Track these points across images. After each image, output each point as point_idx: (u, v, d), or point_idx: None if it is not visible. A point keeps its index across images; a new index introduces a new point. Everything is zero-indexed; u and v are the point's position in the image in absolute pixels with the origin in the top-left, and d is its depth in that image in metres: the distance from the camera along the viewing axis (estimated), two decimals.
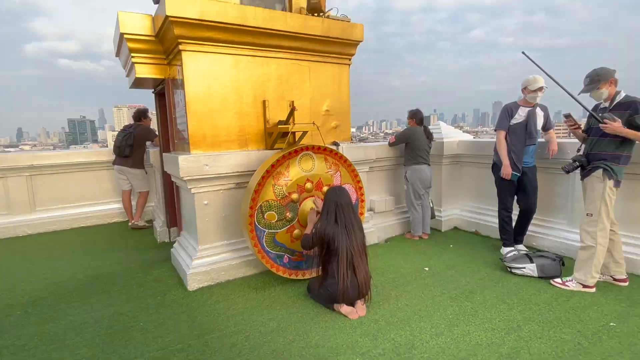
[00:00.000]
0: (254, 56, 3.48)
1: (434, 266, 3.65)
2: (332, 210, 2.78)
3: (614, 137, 2.86)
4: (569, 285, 3.07)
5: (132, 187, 5.35)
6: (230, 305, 2.95)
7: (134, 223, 5.33)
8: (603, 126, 2.86)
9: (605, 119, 2.85)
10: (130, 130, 5.13)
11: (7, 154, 5.39)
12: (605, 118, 2.86)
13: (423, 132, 4.36)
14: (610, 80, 2.91)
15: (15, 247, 4.67)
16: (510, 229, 3.86)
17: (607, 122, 2.83)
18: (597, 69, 2.95)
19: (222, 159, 3.26)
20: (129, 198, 5.41)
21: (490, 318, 2.67)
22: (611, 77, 2.89)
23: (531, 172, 3.70)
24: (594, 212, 2.95)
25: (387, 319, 2.68)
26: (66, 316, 2.84)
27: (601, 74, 2.90)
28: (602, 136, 2.92)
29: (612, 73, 2.89)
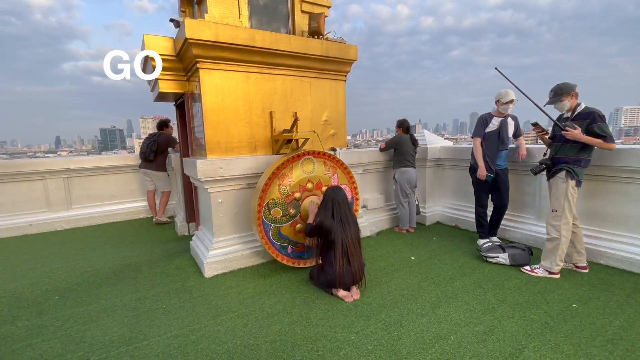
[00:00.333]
0: (262, 73, 3.48)
1: (419, 256, 3.64)
2: (329, 206, 2.77)
3: (575, 142, 2.87)
4: (537, 272, 3.07)
5: (156, 187, 5.34)
6: (242, 290, 2.95)
7: (157, 219, 5.32)
8: (565, 133, 2.86)
9: (567, 127, 2.86)
10: (154, 138, 5.13)
11: (46, 159, 5.38)
12: (566, 126, 2.87)
13: (409, 139, 4.36)
14: (572, 94, 2.91)
15: (54, 240, 4.66)
16: (486, 223, 3.86)
17: (568, 129, 2.84)
18: (560, 84, 2.95)
19: (235, 163, 3.26)
20: (154, 197, 5.40)
21: (468, 301, 2.66)
22: (572, 90, 2.90)
23: (504, 173, 3.70)
24: (558, 208, 2.95)
25: (379, 302, 2.68)
26: (98, 300, 2.84)
27: (564, 88, 2.91)
28: (565, 142, 2.92)
29: (573, 87, 2.90)
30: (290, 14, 3.84)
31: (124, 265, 3.60)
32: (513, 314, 2.45)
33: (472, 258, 3.52)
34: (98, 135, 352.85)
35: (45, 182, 5.18)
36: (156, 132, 5.29)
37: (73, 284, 3.18)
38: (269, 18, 3.76)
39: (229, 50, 3.20)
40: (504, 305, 2.58)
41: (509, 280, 2.99)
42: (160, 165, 5.22)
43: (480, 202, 3.81)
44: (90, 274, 3.39)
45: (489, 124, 3.62)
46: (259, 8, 3.66)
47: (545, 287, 2.85)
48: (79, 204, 5.46)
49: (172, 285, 3.07)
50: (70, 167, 5.28)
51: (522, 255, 3.26)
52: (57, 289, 3.06)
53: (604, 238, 3.27)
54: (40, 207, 5.18)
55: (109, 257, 3.86)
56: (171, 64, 3.53)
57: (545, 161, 3.05)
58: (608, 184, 3.21)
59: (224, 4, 3.35)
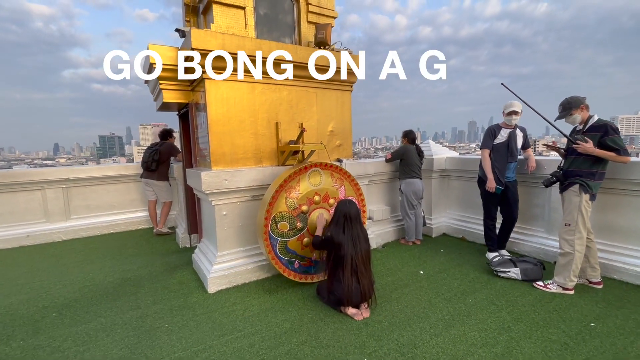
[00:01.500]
0: (268, 83, 3.43)
1: (427, 270, 3.55)
2: (341, 221, 2.69)
3: (587, 156, 2.81)
4: (550, 288, 2.98)
5: (157, 197, 5.24)
6: (247, 307, 2.84)
7: (158, 230, 5.21)
8: (576, 146, 2.81)
9: (578, 140, 2.80)
10: (156, 147, 5.05)
11: (46, 168, 5.29)
12: (577, 139, 2.81)
13: (415, 150, 4.31)
14: (581, 107, 2.86)
15: (51, 252, 4.54)
16: (495, 236, 3.77)
17: (580, 143, 2.78)
18: (568, 98, 2.90)
19: (240, 175, 3.18)
20: (155, 207, 5.30)
21: (483, 319, 2.56)
22: (582, 103, 2.85)
23: (513, 185, 3.64)
24: (571, 222, 2.87)
25: (390, 320, 2.58)
26: (97, 318, 2.72)
27: (572, 101, 2.86)
28: (578, 155, 2.86)
29: (582, 100, 2.85)
30: (296, 24, 3.81)
31: (124, 280, 3.48)
32: (530, 334, 2.35)
33: (482, 272, 3.43)
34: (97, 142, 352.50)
35: (44, 192, 5.08)
36: (159, 142, 5.21)
37: (71, 299, 3.06)
38: (275, 29, 3.72)
39: (235, 61, 3.15)
40: (519, 324, 2.49)
41: (523, 297, 2.90)
42: (162, 175, 5.13)
43: (489, 215, 3.73)
44: (89, 289, 3.27)
45: (498, 135, 3.57)
46: (264, 19, 3.62)
47: (560, 304, 2.76)
48: (78, 215, 5.35)
49: (174, 302, 2.96)
50: (69, 176, 5.18)
51: (534, 270, 3.17)
52: (55, 305, 2.95)
53: (617, 252, 3.20)
54: (38, 218, 5.07)
55: (109, 271, 3.74)
56: (176, 74, 3.47)
57: (557, 174, 2.99)
58: (620, 197, 3.15)
59: (229, 14, 3.31)
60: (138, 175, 5.59)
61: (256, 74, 3.31)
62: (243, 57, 3.14)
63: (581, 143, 2.77)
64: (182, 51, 3.20)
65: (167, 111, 4.36)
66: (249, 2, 3.37)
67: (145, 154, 5.04)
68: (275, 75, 3.43)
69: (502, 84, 3.09)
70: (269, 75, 3.40)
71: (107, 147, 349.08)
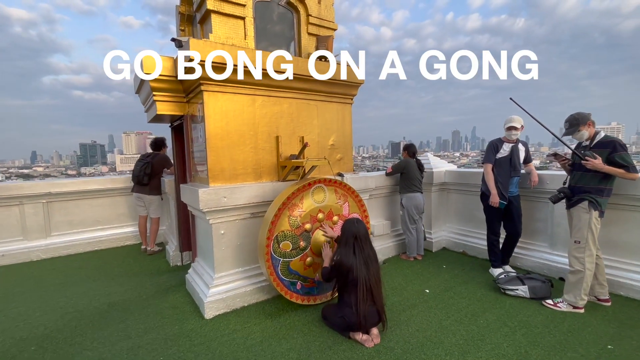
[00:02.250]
0: (268, 96, 3.30)
1: (433, 288, 3.44)
2: (350, 242, 2.55)
3: (596, 172, 2.78)
4: (560, 307, 2.91)
5: (148, 212, 4.96)
6: (248, 334, 2.64)
7: (150, 250, 4.91)
8: (585, 163, 2.77)
9: (587, 156, 2.78)
10: (148, 159, 4.77)
11: (25, 182, 4.95)
12: (586, 156, 2.78)
13: (415, 163, 4.24)
14: (588, 123, 2.85)
15: (30, 273, 4.20)
16: (499, 251, 3.71)
17: (589, 159, 2.75)
18: (574, 114, 2.88)
19: (239, 191, 3.01)
20: (145, 223, 4.99)
21: (498, 343, 2.46)
22: (588, 120, 2.84)
23: (516, 200, 3.60)
24: (581, 240, 2.83)
25: (402, 347, 2.43)
26: (83, 351, 2.47)
27: (578, 118, 2.85)
28: (586, 171, 2.84)
29: (588, 116, 2.84)
30: (296, 36, 3.72)
31: (110, 304, 3.22)
32: (550, 359, 2.25)
33: (489, 290, 3.35)
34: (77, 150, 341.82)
35: (22, 207, 4.74)
36: (150, 153, 4.93)
37: (53, 329, 2.79)
38: (274, 40, 3.62)
39: (235, 72, 3.02)
40: (536, 348, 2.39)
41: (534, 317, 2.81)
42: (155, 188, 4.87)
43: (493, 230, 3.67)
44: (72, 316, 3.00)
45: (500, 149, 3.54)
46: (264, 30, 3.52)
47: (573, 324, 2.68)
48: (59, 231, 5.01)
49: (168, 330, 2.73)
50: (51, 190, 4.87)
51: (543, 288, 3.10)
52: (34, 337, 2.67)
53: (623, 268, 3.17)
54: (14, 235, 4.72)
55: (94, 294, 3.47)
56: (171, 84, 3.30)
57: (564, 190, 2.95)
58: (625, 213, 3.14)
59: (229, 24, 3.19)
60: (125, 189, 5.33)
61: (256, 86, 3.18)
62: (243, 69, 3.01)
63: (590, 159, 2.74)
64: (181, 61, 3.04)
65: (160, 123, 4.16)
66: (248, 13, 3.26)
67: (137, 167, 4.76)
68: (275, 88, 3.31)
69: (511, 99, 3.06)
70: (269, 87, 3.28)
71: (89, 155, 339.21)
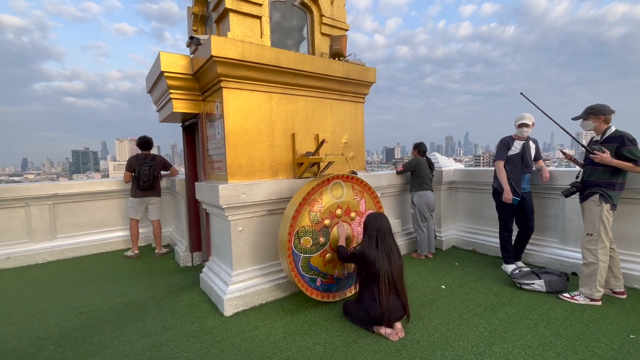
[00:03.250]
0: (285, 94, 3.33)
1: (449, 284, 3.45)
2: (373, 235, 2.56)
3: (606, 166, 2.82)
4: (578, 300, 2.94)
5: (150, 214, 4.88)
6: (271, 330, 2.62)
7: (159, 252, 4.84)
8: (593, 157, 2.83)
9: (595, 150, 2.83)
10: (151, 162, 4.70)
11: (32, 183, 4.87)
12: (594, 150, 2.84)
13: (426, 162, 4.28)
14: (600, 117, 2.90)
15: (36, 275, 4.12)
16: (511, 248, 3.74)
17: (597, 153, 2.81)
18: (597, 104, 2.92)
19: (257, 188, 3.01)
20: (138, 226, 4.90)
21: (522, 335, 2.47)
22: (603, 114, 2.89)
23: (528, 196, 3.65)
24: (593, 232, 2.87)
25: (427, 339, 2.43)
26: (104, 349, 2.42)
27: (596, 108, 2.90)
28: (596, 165, 2.88)
29: (606, 111, 2.87)
30: (309, 36, 3.77)
31: (125, 304, 3.17)
32: (575, 349, 2.27)
33: (504, 285, 3.37)
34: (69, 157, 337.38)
35: (28, 209, 4.67)
36: (148, 155, 4.83)
37: (69, 328, 2.73)
38: (288, 40, 3.66)
39: (253, 70, 3.04)
40: (560, 338, 2.41)
41: (553, 309, 2.83)
42: (159, 190, 4.87)
43: (506, 227, 3.71)
44: (87, 316, 2.95)
45: (511, 147, 3.59)
46: (278, 29, 3.56)
47: (592, 316, 2.71)
48: (65, 233, 4.94)
49: (188, 327, 2.69)
50: (57, 192, 4.80)
51: (559, 282, 3.13)
52: (51, 336, 2.61)
53: (636, 262, 3.22)
54: (20, 238, 4.63)
55: (106, 294, 3.41)
56: (187, 82, 3.32)
57: (576, 184, 3.00)
58: (637, 207, 3.20)
59: (246, 23, 3.22)
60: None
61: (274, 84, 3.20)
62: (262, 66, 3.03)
63: (598, 153, 2.80)
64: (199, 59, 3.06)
65: (171, 122, 4.16)
66: (265, 12, 3.30)
67: (144, 172, 4.61)
68: (292, 86, 3.34)
69: (522, 94, 3.12)
70: (285, 85, 3.30)
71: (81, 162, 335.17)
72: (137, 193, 4.73)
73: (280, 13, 3.56)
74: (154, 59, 3.35)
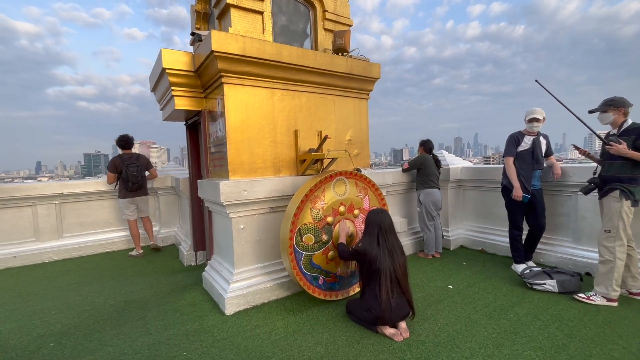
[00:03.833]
0: (287, 90, 3.28)
1: (456, 284, 3.35)
2: (374, 232, 2.48)
3: (626, 160, 2.70)
4: (594, 300, 2.80)
5: (141, 213, 4.91)
6: (272, 329, 2.56)
7: (155, 244, 4.93)
8: (609, 148, 2.73)
9: (612, 142, 2.72)
10: (137, 162, 4.74)
11: (38, 183, 4.93)
12: (611, 141, 2.73)
13: (432, 159, 4.19)
14: (620, 109, 2.78)
15: (42, 274, 4.15)
16: (522, 247, 3.62)
17: (613, 144, 2.70)
18: (615, 97, 2.81)
19: (259, 184, 2.97)
20: (137, 225, 4.90)
21: (533, 336, 2.36)
22: (622, 106, 2.76)
23: (539, 194, 3.52)
24: (611, 229, 2.74)
25: (433, 340, 2.34)
26: (103, 347, 2.40)
27: (615, 100, 2.78)
28: (615, 159, 2.76)
29: (624, 104, 2.75)
30: (312, 31, 3.72)
31: (127, 302, 3.15)
32: (590, 352, 2.16)
33: (514, 285, 3.25)
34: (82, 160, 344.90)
35: (35, 208, 4.71)
36: (132, 154, 4.82)
37: (70, 326, 2.72)
38: (291, 35, 3.62)
39: (255, 65, 3.01)
40: (574, 340, 2.29)
41: (566, 311, 2.71)
42: (147, 188, 4.96)
43: (516, 225, 3.59)
44: (89, 314, 2.94)
45: (521, 142, 3.48)
46: (280, 25, 3.52)
47: (608, 317, 2.58)
48: (71, 232, 4.98)
49: (188, 326, 2.65)
50: (63, 191, 4.84)
51: (572, 282, 3.01)
52: (52, 334, 2.60)
53: None
54: (27, 237, 4.68)
55: (109, 293, 3.40)
56: (189, 79, 3.30)
57: (595, 180, 2.88)
58: None
59: (247, 18, 3.19)
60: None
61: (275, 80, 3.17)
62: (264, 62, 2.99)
63: (615, 145, 2.68)
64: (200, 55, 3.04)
65: (175, 121, 4.15)
66: (267, 7, 3.26)
67: (132, 173, 4.62)
68: (294, 82, 3.29)
69: (536, 81, 3.02)
70: (288, 81, 3.26)
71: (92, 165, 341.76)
72: (126, 194, 4.73)
73: (282, 9, 3.52)
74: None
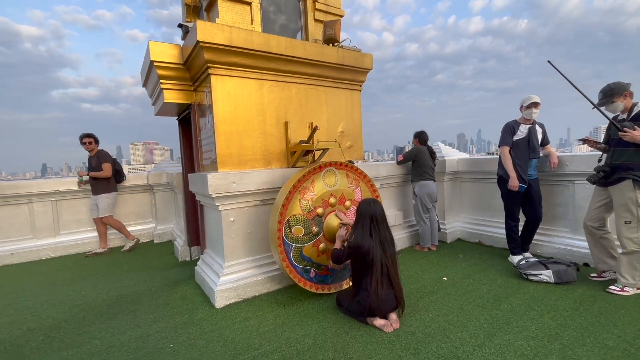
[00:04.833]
0: (276, 81, 3.25)
1: (451, 276, 3.30)
2: (366, 223, 2.44)
3: (637, 147, 2.58)
4: (628, 291, 2.68)
5: None
6: (261, 321, 2.54)
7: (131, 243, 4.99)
8: (622, 134, 2.59)
9: (626, 128, 2.60)
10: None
11: (34, 180, 4.94)
12: (625, 127, 2.61)
13: (427, 151, 4.13)
14: (625, 94, 2.68)
15: (39, 270, 4.16)
16: (518, 238, 3.56)
17: (627, 130, 2.57)
18: (610, 84, 2.72)
19: (249, 177, 2.94)
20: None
21: (525, 326, 2.31)
22: (625, 90, 2.67)
23: (535, 183, 3.46)
24: (632, 220, 2.64)
25: (423, 331, 2.31)
26: (91, 340, 2.39)
27: (614, 88, 2.69)
28: (626, 146, 2.64)
29: (626, 87, 2.66)
30: (302, 22, 3.68)
31: (119, 297, 3.15)
32: (583, 341, 2.11)
33: (510, 276, 3.20)
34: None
35: (32, 205, 4.73)
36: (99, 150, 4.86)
37: (60, 320, 2.72)
38: (280, 26, 3.58)
39: (242, 56, 2.97)
40: (567, 329, 2.24)
41: (561, 301, 2.66)
42: None
43: (512, 216, 3.52)
44: (80, 308, 2.93)
45: (517, 131, 3.41)
46: (270, 16, 3.48)
47: (604, 307, 2.52)
48: (68, 230, 4.99)
49: (178, 319, 2.64)
50: (60, 189, 4.86)
51: (568, 272, 2.95)
52: (42, 328, 2.60)
53: None
54: (24, 234, 4.70)
55: (102, 288, 3.40)
56: (177, 72, 3.27)
57: (603, 168, 2.75)
58: None
59: (235, 9, 3.16)
60: (133, 187, 5.33)
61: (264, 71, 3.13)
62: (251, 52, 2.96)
63: (629, 131, 2.55)
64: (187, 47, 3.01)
65: (167, 115, 4.13)
66: None
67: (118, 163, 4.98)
68: (284, 73, 3.26)
69: (549, 62, 2.91)
70: (277, 72, 3.22)
71: None
72: (116, 187, 4.92)
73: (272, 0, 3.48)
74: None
